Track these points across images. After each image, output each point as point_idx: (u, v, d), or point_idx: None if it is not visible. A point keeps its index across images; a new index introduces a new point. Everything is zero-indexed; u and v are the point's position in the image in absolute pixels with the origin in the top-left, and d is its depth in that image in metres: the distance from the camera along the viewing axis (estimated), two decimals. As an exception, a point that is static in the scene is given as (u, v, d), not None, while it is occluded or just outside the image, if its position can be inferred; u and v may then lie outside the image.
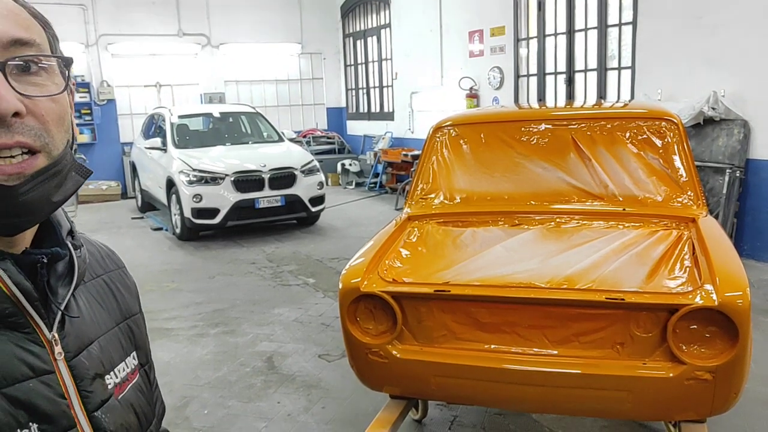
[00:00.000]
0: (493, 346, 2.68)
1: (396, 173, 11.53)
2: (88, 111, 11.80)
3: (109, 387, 0.85)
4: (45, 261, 0.78)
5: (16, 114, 0.69)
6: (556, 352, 2.62)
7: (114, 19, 11.95)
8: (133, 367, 0.93)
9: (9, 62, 0.70)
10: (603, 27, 8.02)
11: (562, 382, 2.61)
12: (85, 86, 11.70)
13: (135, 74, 12.39)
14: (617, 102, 7.05)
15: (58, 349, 0.78)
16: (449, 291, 2.68)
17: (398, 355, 2.77)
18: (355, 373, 2.99)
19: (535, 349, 2.63)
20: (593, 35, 8.18)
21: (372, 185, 11.95)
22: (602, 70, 8.11)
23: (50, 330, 0.77)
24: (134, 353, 0.95)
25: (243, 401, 3.92)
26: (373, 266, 2.91)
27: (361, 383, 3.03)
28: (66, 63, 0.78)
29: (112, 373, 0.87)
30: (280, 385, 4.12)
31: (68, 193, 0.77)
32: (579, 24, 8.37)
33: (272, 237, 8.45)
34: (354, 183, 12.48)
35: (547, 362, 2.61)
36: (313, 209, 8.64)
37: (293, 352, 4.64)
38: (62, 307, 0.79)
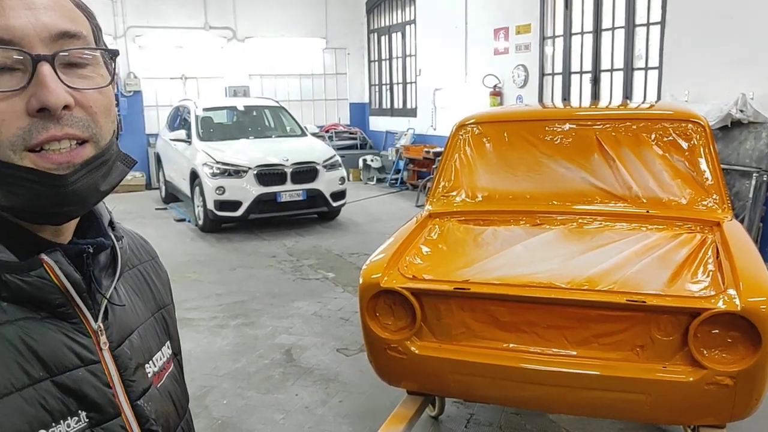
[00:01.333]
0: (511, 345, 2.69)
1: (417, 170, 11.52)
2: (115, 102, 11.97)
3: (149, 376, 0.87)
4: (91, 251, 0.79)
5: (66, 106, 0.70)
6: (575, 352, 2.61)
7: (142, 12, 12.09)
8: (168, 356, 0.95)
9: (58, 54, 0.71)
10: (630, 26, 7.93)
11: (581, 383, 2.61)
12: (112, 77, 11.87)
13: (161, 66, 12.52)
14: (643, 103, 6.97)
15: (103, 339, 0.79)
16: (469, 289, 2.68)
17: (417, 352, 2.78)
18: (374, 368, 3.01)
19: (553, 350, 2.63)
20: (620, 34, 8.09)
21: (393, 181, 11.96)
22: (629, 69, 8.03)
23: (96, 320, 0.78)
24: (168, 342, 0.97)
25: (261, 392, 3.97)
26: (393, 262, 2.93)
27: (379, 378, 3.05)
28: (112, 55, 0.79)
29: (150, 362, 0.88)
30: (298, 378, 4.15)
31: (114, 182, 0.78)
32: (606, 23, 8.28)
33: (293, 231, 8.50)
34: (375, 179, 12.49)
35: (565, 363, 2.61)
36: (334, 204, 8.68)
37: (312, 346, 4.68)
38: (107, 297, 0.80)
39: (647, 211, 3.34)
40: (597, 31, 8.40)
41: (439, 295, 2.76)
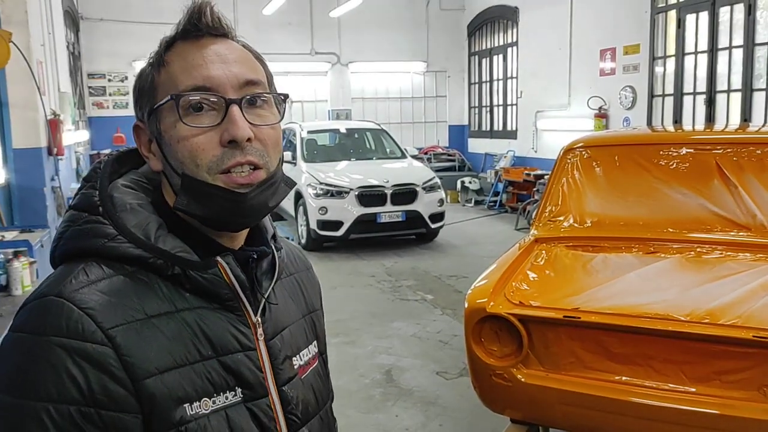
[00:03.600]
0: (624, 378, 2.58)
1: (517, 192, 11.35)
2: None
3: (295, 367, 1.00)
4: (255, 257, 0.96)
5: (248, 139, 0.87)
6: (694, 389, 2.47)
7: (254, 40, 12.06)
8: (314, 353, 1.08)
9: (245, 98, 0.89)
10: (750, 45, 7.52)
11: (699, 422, 2.46)
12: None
13: (269, 90, 13.08)
14: (765, 125, 6.56)
15: (260, 331, 0.95)
16: (579, 318, 2.61)
17: (523, 380, 2.73)
18: (477, 394, 2.98)
19: (670, 385, 2.50)
20: (738, 54, 7.69)
21: (491, 204, 11.85)
22: (747, 90, 7.59)
23: (255, 315, 0.94)
24: (315, 342, 1.10)
25: (362, 412, 4.01)
26: (499, 287, 2.90)
27: (482, 404, 3.01)
28: (284, 98, 0.96)
29: (297, 356, 1.02)
30: (398, 399, 4.17)
31: (279, 199, 0.94)
32: (722, 42, 7.90)
33: (391, 251, 8.58)
34: (473, 201, 12.42)
35: (683, 399, 2.48)
36: (433, 226, 8.70)
37: (411, 367, 4.69)
38: (266, 296, 0.96)
39: (774, 242, 3.13)
40: (712, 51, 8.02)
41: (547, 323, 2.70)
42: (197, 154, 0.87)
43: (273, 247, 1.01)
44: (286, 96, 0.96)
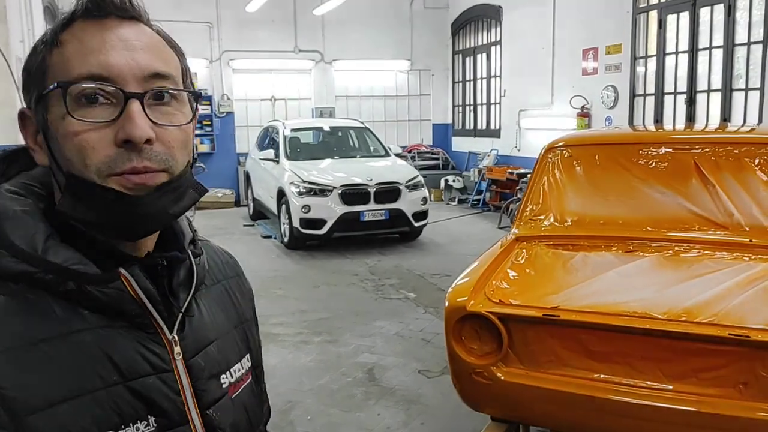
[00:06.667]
0: (602, 376, 2.60)
1: (500, 191, 11.39)
2: (209, 122, 12.53)
3: (224, 386, 0.90)
4: (164, 264, 0.84)
5: (148, 140, 0.76)
6: (671, 387, 2.50)
7: (237, 37, 12.63)
8: (247, 368, 0.98)
9: (147, 93, 0.77)
10: (729, 46, 7.60)
11: (676, 419, 2.49)
12: (208, 99, 12.42)
13: (253, 88, 13.03)
14: (743, 125, 6.64)
15: (177, 349, 0.83)
16: (558, 316, 2.62)
17: (503, 378, 2.74)
18: (458, 392, 2.98)
19: (648, 382, 2.53)
20: (718, 54, 7.77)
21: (475, 202, 11.88)
22: (727, 91, 7.68)
23: (171, 331, 0.83)
24: (248, 355, 0.99)
25: (344, 410, 4.01)
26: (479, 286, 2.90)
27: (463, 402, 3.01)
28: (195, 96, 0.85)
29: (228, 372, 0.92)
30: (380, 398, 4.17)
31: (185, 206, 0.82)
32: (703, 42, 7.98)
33: (375, 250, 8.58)
34: (457, 199, 12.45)
35: (660, 397, 2.50)
36: (416, 224, 8.70)
37: (393, 366, 4.69)
38: (183, 309, 0.85)
39: (750, 240, 3.17)
40: (693, 51, 8.10)
41: (526, 321, 2.71)
42: (86, 153, 0.75)
43: (189, 253, 0.89)
44: (198, 95, 0.86)
